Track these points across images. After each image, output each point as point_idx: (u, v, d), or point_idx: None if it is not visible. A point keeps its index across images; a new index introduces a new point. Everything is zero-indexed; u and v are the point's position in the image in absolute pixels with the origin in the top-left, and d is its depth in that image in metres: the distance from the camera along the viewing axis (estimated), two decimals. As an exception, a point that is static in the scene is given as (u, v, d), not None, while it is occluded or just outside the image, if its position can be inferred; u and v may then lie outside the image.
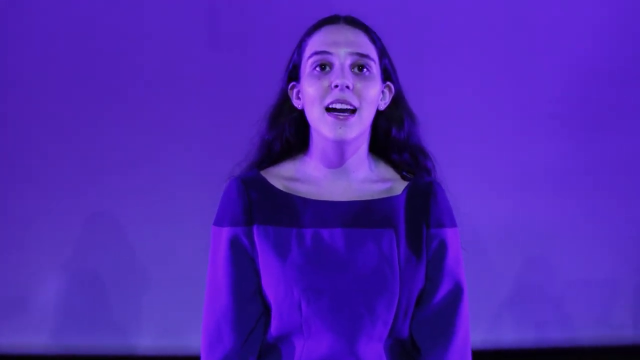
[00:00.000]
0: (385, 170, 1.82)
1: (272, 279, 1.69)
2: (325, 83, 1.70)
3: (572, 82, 5.35)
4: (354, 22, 1.77)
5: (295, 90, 1.79)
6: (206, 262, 5.42)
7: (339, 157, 1.75)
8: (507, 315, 5.31)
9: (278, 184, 1.77)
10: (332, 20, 1.77)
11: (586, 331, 5.45)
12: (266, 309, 1.74)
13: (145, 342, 5.38)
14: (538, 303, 5.30)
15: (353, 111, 1.69)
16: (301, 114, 1.79)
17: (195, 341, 5.42)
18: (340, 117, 1.69)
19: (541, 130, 5.29)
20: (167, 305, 5.36)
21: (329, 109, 1.70)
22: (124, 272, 5.35)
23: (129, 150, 5.29)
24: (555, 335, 5.45)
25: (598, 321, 5.56)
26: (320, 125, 1.70)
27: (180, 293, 5.35)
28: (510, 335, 5.31)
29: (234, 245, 1.73)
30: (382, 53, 1.77)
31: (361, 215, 1.72)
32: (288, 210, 1.73)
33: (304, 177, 1.78)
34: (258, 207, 1.73)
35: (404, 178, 1.81)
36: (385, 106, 1.79)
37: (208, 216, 5.46)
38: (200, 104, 5.28)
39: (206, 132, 5.29)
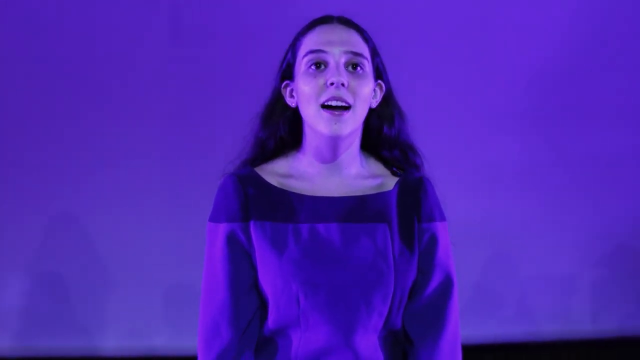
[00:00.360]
0: (376, 167, 1.87)
1: (269, 274, 1.73)
2: (321, 81, 1.75)
3: (538, 80, 5.42)
4: (347, 22, 1.83)
5: (288, 89, 1.84)
6: (171, 263, 5.38)
7: (332, 153, 1.80)
8: (468, 310, 5.39)
9: (272, 181, 1.81)
10: (325, 20, 1.83)
11: (546, 326, 5.53)
12: (262, 304, 1.78)
13: (109, 344, 5.35)
14: (499, 298, 5.36)
15: (347, 108, 1.74)
16: (294, 112, 1.84)
17: (159, 342, 5.40)
18: (336, 113, 1.73)
19: (501, 128, 5.34)
20: (132, 307, 5.33)
21: (324, 106, 1.74)
22: (87, 274, 5.30)
23: (91, 151, 5.26)
24: (515, 330, 5.51)
25: (557, 316, 5.65)
26: (316, 121, 1.75)
27: (145, 294, 5.33)
28: (471, 331, 5.39)
29: (231, 240, 1.76)
30: (374, 52, 1.83)
31: (355, 210, 1.77)
32: (283, 206, 1.77)
33: (298, 173, 1.83)
34: (254, 203, 1.77)
35: (394, 174, 1.86)
36: (377, 104, 1.84)
37: (173, 217, 5.44)
38: (161, 101, 5.30)
39: (168, 130, 5.28)
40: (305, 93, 1.76)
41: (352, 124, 1.76)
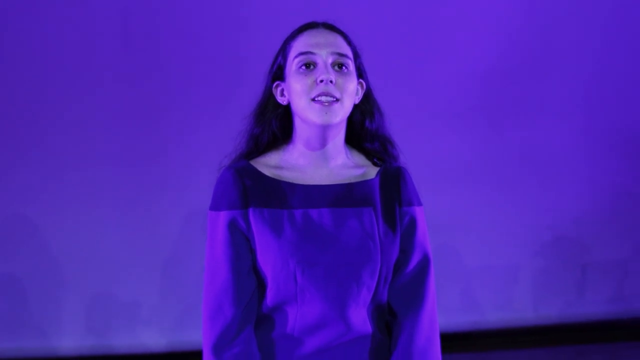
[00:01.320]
0: (359, 158, 2.07)
1: (269, 255, 1.92)
2: (311, 79, 1.95)
3: (482, 79, 5.62)
4: (331, 27, 2.03)
5: (279, 89, 2.04)
6: (127, 261, 5.44)
7: (321, 142, 1.99)
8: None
9: (266, 172, 2.00)
10: (312, 25, 2.03)
11: (490, 315, 5.72)
12: (260, 285, 1.97)
13: (66, 343, 5.40)
14: (444, 290, 5.51)
15: (336, 101, 1.94)
16: (285, 109, 2.04)
17: (117, 340, 5.46)
18: (325, 103, 1.93)
19: (445, 125, 5.51)
20: (88, 306, 5.41)
21: (314, 101, 1.94)
22: (42, 274, 5.35)
23: (46, 155, 5.32)
24: (460, 320, 5.70)
25: (501, 305, 5.84)
26: (308, 113, 1.94)
27: (101, 293, 5.41)
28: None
29: (232, 227, 1.96)
30: (356, 54, 2.04)
31: (343, 196, 1.97)
32: (278, 194, 1.96)
33: (289, 165, 2.02)
34: (252, 192, 1.96)
35: (375, 164, 2.07)
36: (359, 100, 2.05)
37: (126, 218, 5.51)
38: (112, 102, 5.37)
39: (120, 132, 5.36)
40: (297, 90, 1.96)
41: (341, 114, 1.95)
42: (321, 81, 1.93)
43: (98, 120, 5.32)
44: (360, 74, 2.04)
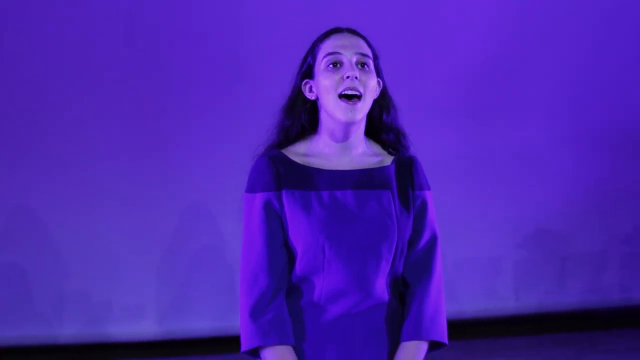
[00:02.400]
0: (376, 147, 2.35)
1: (300, 231, 2.19)
2: (338, 76, 2.22)
3: (464, 79, 5.83)
4: (354, 32, 2.31)
5: (308, 85, 2.30)
6: (126, 251, 5.59)
7: (344, 135, 2.27)
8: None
9: (296, 159, 2.28)
10: (337, 30, 2.30)
11: (473, 304, 5.94)
12: (290, 258, 2.23)
13: (67, 331, 5.57)
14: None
15: (359, 97, 2.22)
16: (312, 104, 2.30)
17: (115, 329, 5.63)
18: (350, 102, 2.20)
19: (431, 123, 5.69)
20: (89, 295, 5.57)
21: (341, 96, 2.21)
22: (45, 264, 5.52)
23: (52, 145, 5.47)
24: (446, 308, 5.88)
25: (484, 295, 6.06)
26: (335, 110, 2.22)
27: (101, 283, 5.57)
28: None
29: (267, 207, 2.22)
30: (375, 56, 2.32)
31: (365, 180, 2.25)
32: (307, 178, 2.24)
33: (316, 153, 2.29)
34: (284, 176, 2.23)
35: (390, 153, 2.35)
36: (377, 96, 2.31)
37: (127, 208, 5.67)
38: (112, 102, 5.53)
39: (120, 131, 5.53)
40: (326, 86, 2.23)
41: (362, 111, 2.24)
42: (347, 77, 2.20)
43: (98, 119, 5.48)
44: (379, 73, 2.31)
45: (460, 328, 5.72)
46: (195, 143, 5.57)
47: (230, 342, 5.58)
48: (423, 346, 2.24)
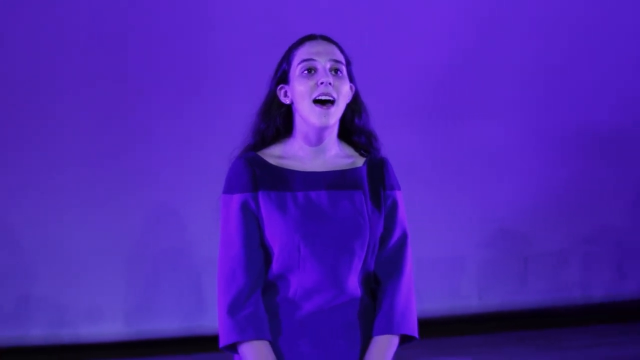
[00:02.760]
0: (348, 150, 2.44)
1: (276, 230, 2.27)
2: (312, 82, 2.31)
3: (428, 79, 5.89)
4: (328, 39, 2.40)
5: (283, 90, 2.39)
6: (93, 252, 5.57)
7: (318, 138, 2.36)
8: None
9: (272, 161, 2.36)
10: (311, 37, 2.39)
11: (437, 303, 6.01)
12: (267, 256, 2.31)
13: (34, 333, 5.57)
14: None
15: (333, 102, 2.31)
16: (287, 108, 2.39)
17: (82, 330, 5.63)
18: (324, 107, 2.29)
19: (394, 123, 5.68)
20: (56, 297, 5.57)
21: (316, 101, 2.30)
22: (11, 266, 5.52)
23: (16, 148, 5.47)
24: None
25: (448, 294, 6.13)
26: (310, 114, 2.30)
27: (68, 284, 5.57)
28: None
29: (244, 207, 2.30)
30: (348, 62, 2.41)
31: (338, 181, 2.34)
32: (282, 180, 2.32)
33: (290, 155, 2.38)
34: (260, 178, 2.31)
35: (361, 155, 2.44)
36: (349, 101, 2.40)
37: (93, 210, 5.66)
38: (79, 104, 5.54)
39: (85, 131, 5.54)
40: (301, 91, 2.31)
41: (336, 116, 2.33)
42: (321, 83, 2.29)
43: (63, 123, 5.50)
44: (351, 78, 2.40)
45: (425, 327, 5.59)
46: (160, 145, 5.60)
47: (197, 342, 5.64)
48: (394, 340, 2.32)
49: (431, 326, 5.81)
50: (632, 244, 6.41)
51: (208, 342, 5.60)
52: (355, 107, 2.41)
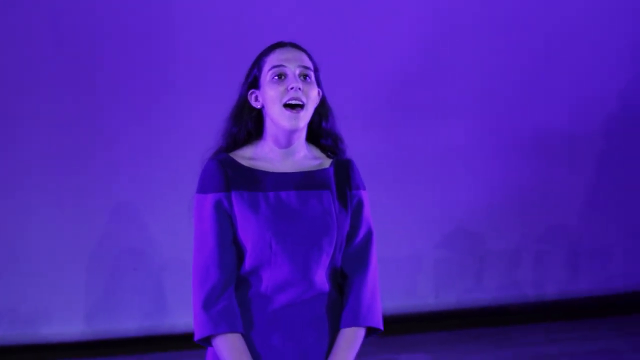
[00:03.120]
0: (316, 151, 2.57)
1: (249, 228, 2.38)
2: (282, 87, 2.43)
3: (384, 81, 5.95)
4: (297, 46, 2.52)
5: (254, 95, 2.51)
6: (53, 252, 5.54)
7: (288, 141, 2.48)
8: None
9: (243, 162, 2.47)
10: (281, 44, 2.51)
11: (395, 302, 6.04)
12: (239, 253, 2.42)
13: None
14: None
15: (302, 106, 2.43)
16: (258, 112, 2.51)
17: (44, 330, 5.61)
18: (294, 111, 2.41)
19: (351, 125, 5.77)
20: (17, 298, 5.57)
21: (286, 105, 2.41)
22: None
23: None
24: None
25: (405, 292, 6.20)
26: (280, 118, 2.42)
27: (29, 285, 5.56)
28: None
29: (217, 206, 2.40)
30: (316, 68, 2.53)
31: (306, 181, 2.46)
32: (254, 180, 2.43)
33: (261, 156, 2.49)
34: (233, 178, 2.42)
35: (328, 157, 2.57)
36: (317, 105, 2.53)
37: (53, 210, 5.64)
38: (40, 104, 5.53)
39: (48, 132, 5.54)
40: (271, 96, 2.43)
41: (305, 119, 2.45)
42: (291, 88, 2.41)
43: (24, 122, 5.50)
44: (319, 83, 2.53)
45: (383, 325, 5.78)
46: (122, 145, 5.61)
47: (157, 341, 5.67)
48: (360, 332, 2.45)
49: (389, 324, 5.77)
50: (585, 244, 6.51)
51: (168, 341, 5.65)
52: (322, 111, 2.54)
